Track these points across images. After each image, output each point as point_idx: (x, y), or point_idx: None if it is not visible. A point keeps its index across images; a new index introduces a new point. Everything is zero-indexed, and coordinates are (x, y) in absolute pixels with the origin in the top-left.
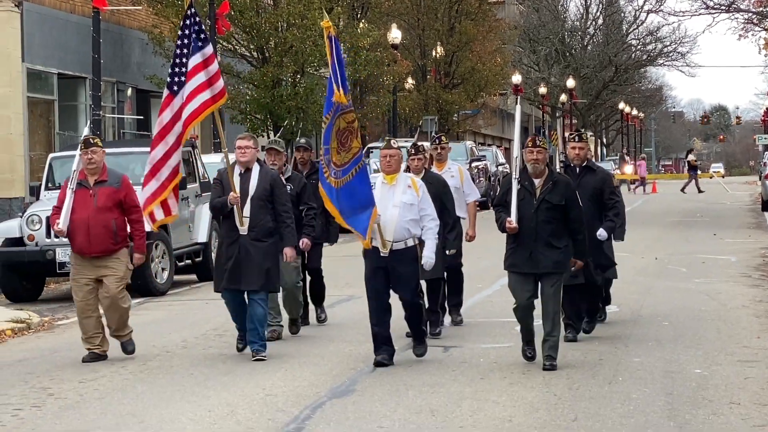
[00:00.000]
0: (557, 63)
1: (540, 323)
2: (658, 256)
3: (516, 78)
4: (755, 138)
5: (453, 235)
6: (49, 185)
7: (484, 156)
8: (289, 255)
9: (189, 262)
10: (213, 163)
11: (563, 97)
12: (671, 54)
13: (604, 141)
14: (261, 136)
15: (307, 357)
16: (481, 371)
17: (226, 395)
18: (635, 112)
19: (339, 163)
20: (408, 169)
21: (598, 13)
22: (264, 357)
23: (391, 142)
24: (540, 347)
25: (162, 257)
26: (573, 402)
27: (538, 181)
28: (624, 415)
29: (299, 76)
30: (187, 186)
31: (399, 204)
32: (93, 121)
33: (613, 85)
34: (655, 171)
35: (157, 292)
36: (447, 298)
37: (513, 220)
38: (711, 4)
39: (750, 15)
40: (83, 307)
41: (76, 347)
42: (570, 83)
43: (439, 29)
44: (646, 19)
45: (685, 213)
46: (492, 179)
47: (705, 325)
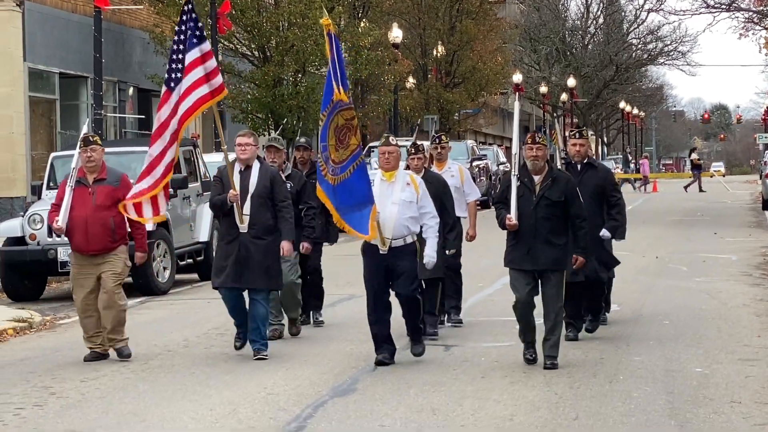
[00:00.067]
0: (558, 62)
1: (541, 322)
2: (658, 254)
3: (517, 77)
4: (756, 137)
5: (453, 235)
6: (51, 184)
7: (485, 155)
8: (286, 249)
9: (190, 261)
10: (214, 162)
11: (564, 97)
12: (672, 53)
13: (605, 140)
14: (262, 135)
15: (309, 356)
16: (483, 370)
17: (227, 394)
18: (636, 111)
19: (337, 160)
20: (407, 168)
21: (598, 12)
22: (266, 356)
23: (389, 138)
24: (541, 347)
25: (163, 256)
26: (574, 401)
27: (537, 178)
28: (625, 414)
29: (300, 75)
30: (189, 185)
31: (398, 201)
32: (94, 121)
33: (614, 85)
34: (656, 170)
35: (159, 291)
36: (445, 300)
37: (513, 217)
38: (711, 3)
39: (750, 14)
40: (84, 307)
41: (77, 346)
42: (571, 82)
43: (440, 28)
44: (646, 18)
45: (686, 212)
46: (493, 178)
47: (706, 324)
